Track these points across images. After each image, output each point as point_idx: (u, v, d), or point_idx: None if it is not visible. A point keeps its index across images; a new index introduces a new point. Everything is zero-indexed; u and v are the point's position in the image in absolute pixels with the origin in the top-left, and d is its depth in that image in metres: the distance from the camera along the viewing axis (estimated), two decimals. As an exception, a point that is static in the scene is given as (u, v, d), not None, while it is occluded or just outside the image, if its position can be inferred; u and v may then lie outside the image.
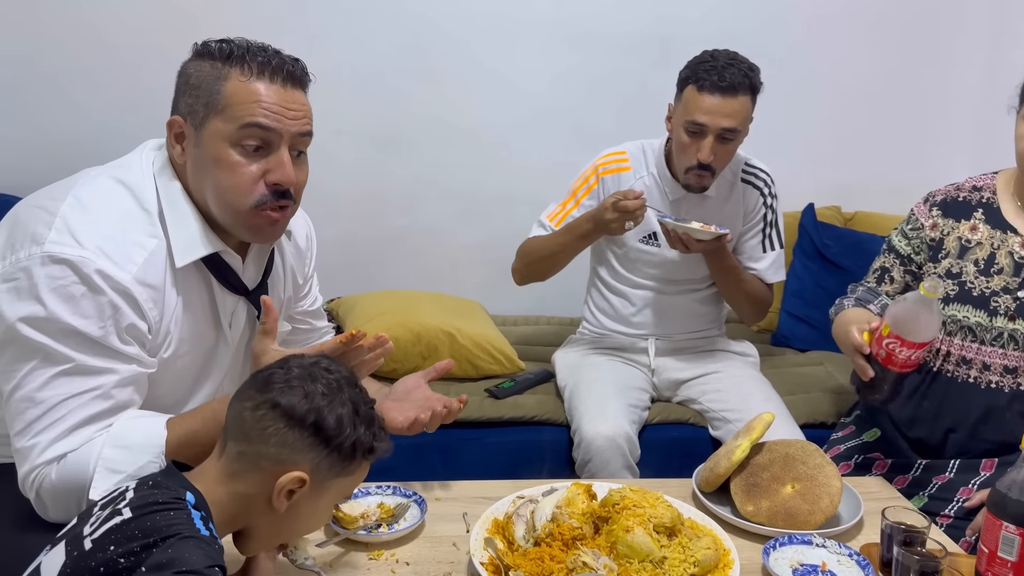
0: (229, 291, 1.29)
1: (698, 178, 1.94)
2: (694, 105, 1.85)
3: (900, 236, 1.70)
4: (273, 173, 1.18)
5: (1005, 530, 1.04)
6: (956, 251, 1.60)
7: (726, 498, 1.37)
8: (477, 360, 2.22)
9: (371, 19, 2.64)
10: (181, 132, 1.21)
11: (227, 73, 1.16)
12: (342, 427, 0.95)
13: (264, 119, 1.16)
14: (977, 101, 2.91)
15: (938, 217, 1.64)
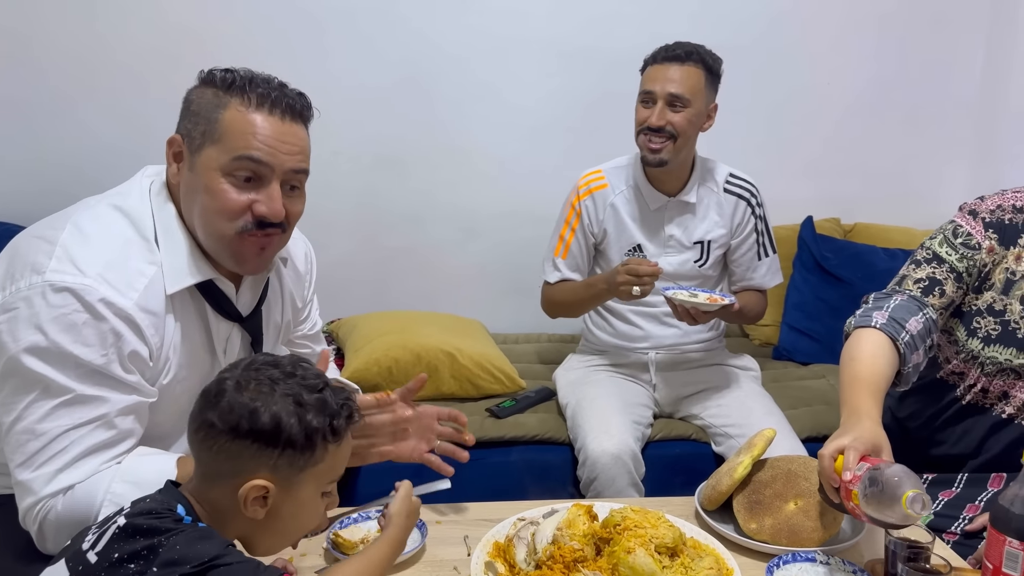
0: (223, 317, 1.29)
1: (650, 143, 1.96)
2: (646, 77, 1.98)
3: (947, 247, 1.47)
4: (261, 205, 1.18)
5: (1009, 545, 1.03)
6: (1001, 285, 1.45)
7: (729, 516, 1.36)
8: (477, 380, 2.21)
9: (368, 41, 2.66)
10: (180, 152, 1.22)
11: (226, 102, 1.17)
12: (280, 424, 0.93)
13: (257, 152, 1.16)
14: (974, 111, 2.92)
15: (995, 241, 1.45)
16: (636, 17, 2.74)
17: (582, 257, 2.13)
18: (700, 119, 1.97)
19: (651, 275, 1.84)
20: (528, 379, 2.35)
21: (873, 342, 1.37)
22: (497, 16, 2.70)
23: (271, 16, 2.60)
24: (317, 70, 2.61)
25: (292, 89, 1.22)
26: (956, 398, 1.52)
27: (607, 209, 2.08)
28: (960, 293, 1.48)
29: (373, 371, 2.13)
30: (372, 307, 2.60)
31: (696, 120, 1.96)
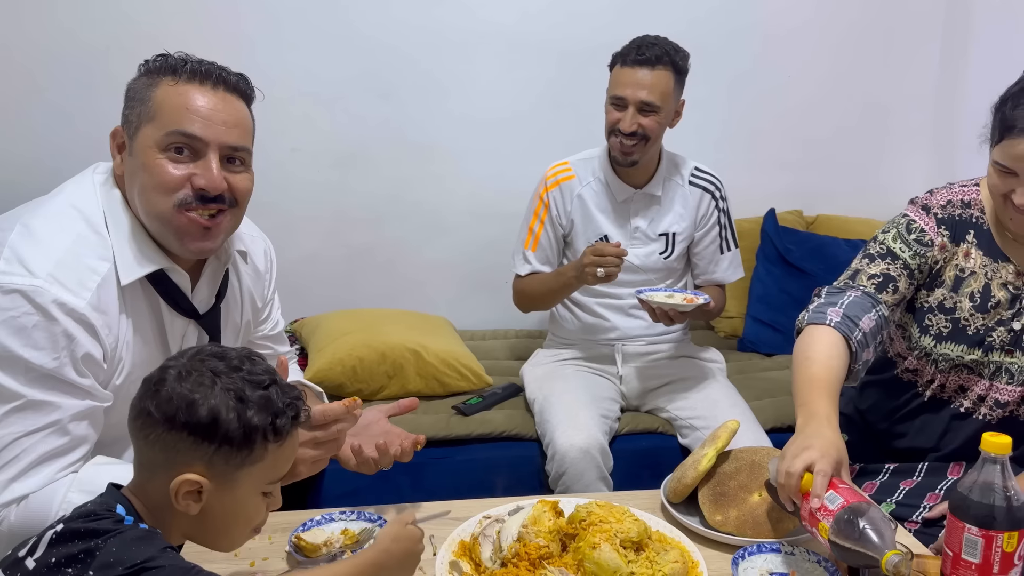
0: (178, 313, 1.26)
1: (622, 146, 1.98)
2: (616, 80, 1.96)
3: (901, 243, 1.47)
4: (198, 177, 1.16)
5: (968, 532, 1.04)
6: (951, 282, 1.46)
7: (695, 508, 1.36)
8: (444, 377, 2.20)
9: (326, 37, 2.62)
10: (122, 142, 1.20)
11: (158, 81, 1.16)
12: (218, 419, 0.89)
13: (190, 127, 1.14)
14: (931, 105, 2.97)
15: (947, 239, 1.46)
16: (598, 12, 2.74)
17: (552, 249, 2.13)
18: (669, 118, 2.00)
19: (615, 255, 1.84)
20: (495, 375, 2.34)
21: (828, 341, 1.37)
22: (457, 11, 2.68)
23: (226, 13, 2.55)
24: (275, 67, 2.57)
25: (231, 70, 1.21)
26: (916, 394, 1.54)
27: (574, 200, 2.09)
28: (911, 289, 1.48)
29: (337, 371, 2.11)
30: (336, 306, 2.57)
31: (665, 120, 1.99)
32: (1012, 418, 1.47)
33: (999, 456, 1.04)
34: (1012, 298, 1.42)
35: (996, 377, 1.46)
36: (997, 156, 1.32)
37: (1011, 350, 1.43)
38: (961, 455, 1.50)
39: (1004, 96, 1.32)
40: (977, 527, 1.03)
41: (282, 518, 1.31)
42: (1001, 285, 1.43)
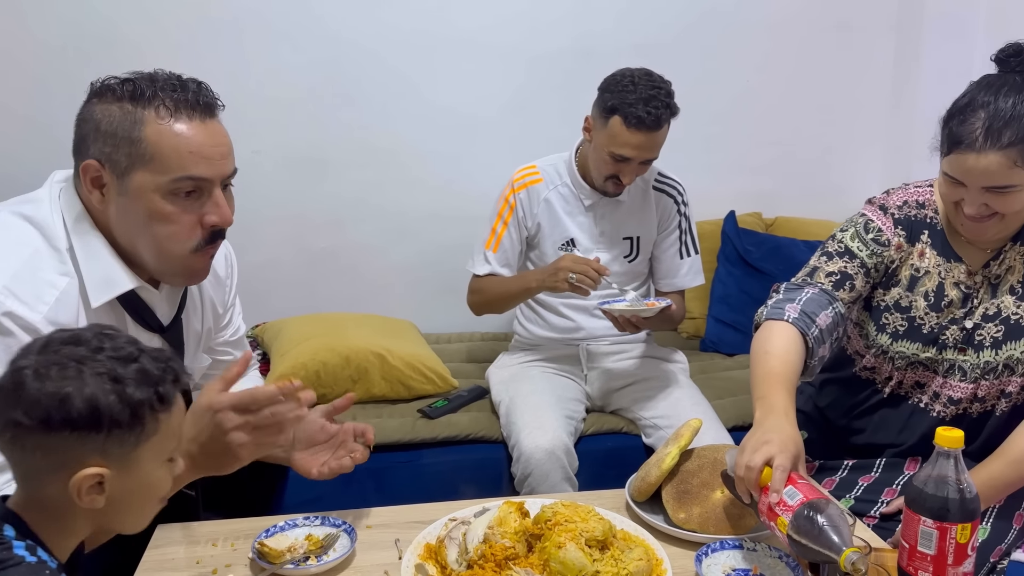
0: (144, 329, 1.24)
1: (616, 187, 2.00)
2: (622, 140, 1.88)
3: (859, 242, 1.50)
4: (211, 216, 1.18)
5: (923, 524, 1.07)
6: (907, 282, 1.50)
7: (659, 507, 1.37)
8: (409, 380, 2.19)
9: (287, 39, 2.60)
10: (98, 177, 1.15)
11: (142, 117, 1.12)
12: (99, 407, 0.84)
13: (197, 171, 1.14)
14: (886, 108, 3.03)
15: (903, 239, 1.50)
16: (562, 15, 2.75)
17: (513, 252, 2.13)
18: None
19: (597, 271, 1.85)
20: (461, 378, 2.34)
21: (785, 336, 1.39)
22: (422, 15, 2.67)
23: (185, 15, 2.52)
24: (237, 68, 2.54)
25: (193, 82, 1.18)
26: (875, 391, 1.57)
27: (541, 204, 2.09)
28: (867, 288, 1.52)
29: (300, 375, 2.09)
30: (298, 310, 2.55)
31: None
32: (964, 415, 1.50)
33: (952, 450, 1.06)
34: (964, 297, 1.46)
35: (949, 374, 1.49)
36: (946, 168, 1.36)
37: (963, 348, 1.47)
38: (918, 451, 1.54)
39: (951, 111, 1.36)
40: (932, 519, 1.06)
41: (245, 525, 1.29)
42: (953, 284, 1.46)
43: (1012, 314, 1.43)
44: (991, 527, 1.43)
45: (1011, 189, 1.31)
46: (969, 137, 1.30)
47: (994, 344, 1.44)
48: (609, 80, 1.93)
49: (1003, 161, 1.29)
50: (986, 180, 1.31)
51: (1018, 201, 1.33)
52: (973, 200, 1.34)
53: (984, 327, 1.45)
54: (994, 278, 1.45)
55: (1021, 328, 1.42)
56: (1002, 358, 1.44)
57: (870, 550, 1.11)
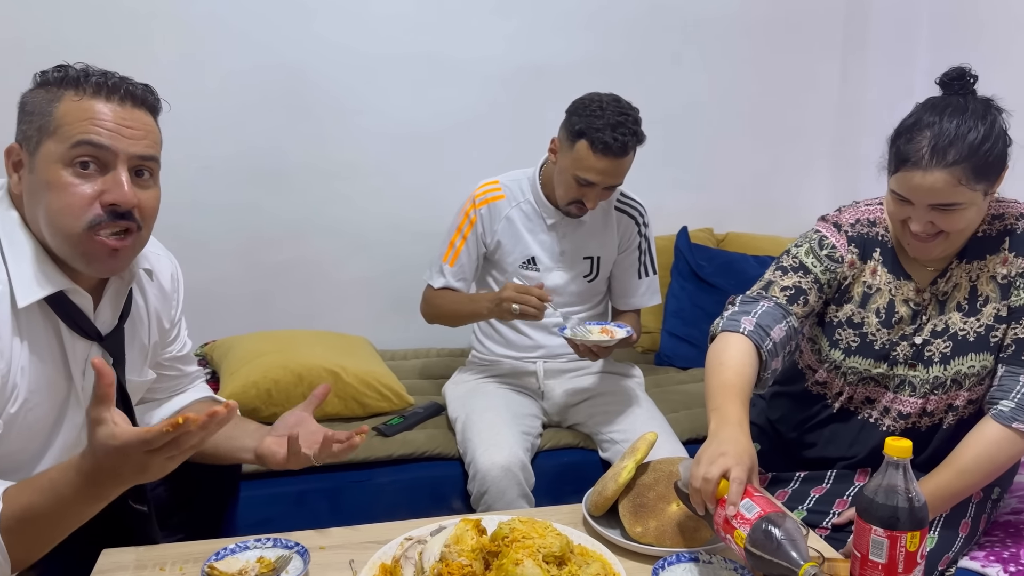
0: (79, 336, 1.20)
1: (579, 210, 2.00)
2: (587, 164, 1.88)
3: (813, 258, 1.54)
4: (109, 193, 1.12)
5: (874, 534, 1.09)
6: (859, 298, 1.53)
7: (616, 521, 1.38)
8: (363, 398, 2.16)
9: (241, 50, 2.57)
10: (19, 160, 1.14)
11: (60, 95, 1.12)
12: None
13: (96, 136, 1.10)
14: (832, 126, 3.12)
15: (856, 256, 1.54)
16: (516, 33, 2.77)
17: (470, 266, 2.13)
18: None
19: (538, 298, 1.85)
20: (417, 395, 2.32)
21: (740, 348, 1.42)
22: (378, 28, 2.67)
23: (133, 20, 2.47)
24: (185, 79, 2.50)
25: (135, 80, 1.17)
26: (826, 406, 1.61)
27: (503, 220, 2.09)
28: (820, 303, 1.55)
29: (251, 394, 2.04)
30: (250, 328, 2.50)
31: None
32: (914, 429, 1.54)
33: (900, 459, 1.08)
34: (913, 314, 1.50)
35: (900, 390, 1.52)
36: (893, 186, 1.40)
37: (913, 364, 1.50)
38: (868, 463, 1.57)
39: (898, 130, 1.40)
40: (882, 528, 1.08)
41: (194, 548, 1.26)
42: (903, 301, 1.50)
43: (959, 330, 1.47)
44: (938, 536, 1.46)
45: (956, 207, 1.36)
46: (916, 155, 1.34)
47: (943, 360, 1.48)
48: (577, 104, 1.94)
49: (948, 179, 1.33)
50: (932, 197, 1.35)
51: (962, 219, 1.38)
52: (920, 217, 1.38)
53: (933, 343, 1.48)
54: (941, 295, 1.49)
55: (968, 344, 1.46)
56: (951, 373, 1.47)
57: (823, 560, 1.12)
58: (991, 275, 1.45)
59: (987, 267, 1.46)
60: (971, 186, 1.34)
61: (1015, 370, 1.42)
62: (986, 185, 1.36)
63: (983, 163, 1.34)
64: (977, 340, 1.45)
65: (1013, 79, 2.42)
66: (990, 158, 1.34)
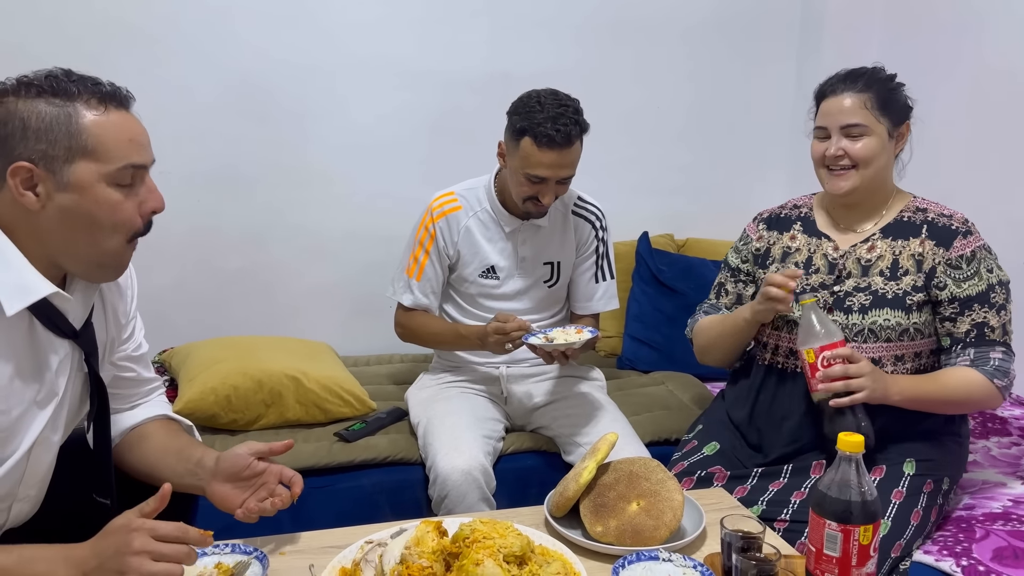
0: (56, 335, 1.19)
1: (537, 207, 2.00)
2: (535, 160, 1.89)
3: (733, 253, 1.92)
4: (148, 202, 1.20)
5: (828, 528, 1.11)
6: (779, 256, 1.82)
7: (577, 521, 1.39)
8: (325, 404, 2.14)
9: (199, 54, 2.54)
10: (30, 178, 1.11)
11: (75, 110, 1.12)
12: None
13: (139, 158, 1.17)
14: (787, 132, 3.17)
15: (763, 231, 1.87)
16: (476, 40, 2.78)
17: (437, 280, 2.13)
18: None
19: (519, 330, 1.87)
20: (380, 401, 2.30)
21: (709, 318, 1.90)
22: (337, 33, 2.65)
23: (93, 26, 2.43)
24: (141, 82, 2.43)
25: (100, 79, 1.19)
26: (761, 364, 1.80)
27: (461, 232, 2.09)
28: (741, 285, 1.90)
29: (210, 400, 2.01)
30: (208, 334, 2.45)
31: None
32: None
33: (853, 454, 1.11)
34: (831, 266, 1.74)
35: None
36: (816, 123, 1.74)
37: (832, 309, 1.71)
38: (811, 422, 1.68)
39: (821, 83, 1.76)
40: (836, 522, 1.10)
41: (149, 555, 1.24)
42: (822, 255, 1.76)
43: (879, 288, 1.68)
44: (892, 522, 1.50)
45: (861, 130, 1.65)
46: (830, 87, 1.70)
47: (861, 309, 1.68)
48: (516, 103, 1.95)
49: (856, 101, 1.66)
50: (843, 118, 1.66)
51: (867, 148, 1.66)
52: (833, 143, 1.68)
53: (855, 296, 1.69)
54: (864, 261, 1.71)
55: (886, 300, 1.67)
56: (867, 322, 1.67)
57: (779, 556, 1.14)
58: (911, 253, 1.68)
59: (908, 246, 1.69)
60: (875, 114, 1.65)
61: (984, 349, 1.63)
62: (888, 124, 1.66)
63: (886, 96, 1.65)
64: (895, 299, 1.66)
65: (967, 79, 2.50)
66: (895, 96, 1.67)
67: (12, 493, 1.24)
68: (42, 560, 1.04)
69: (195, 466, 1.34)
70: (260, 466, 1.32)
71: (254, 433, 2.07)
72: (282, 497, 1.29)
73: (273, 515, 1.29)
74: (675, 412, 2.29)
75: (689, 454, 1.80)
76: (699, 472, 1.73)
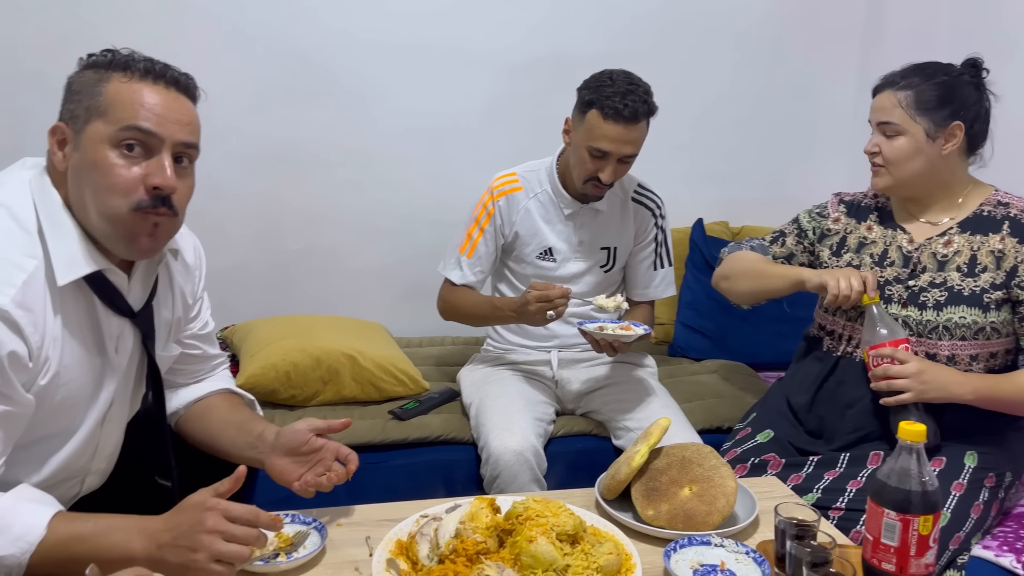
0: (114, 313, 1.23)
1: (596, 189, 2.00)
2: (599, 132, 1.89)
3: (807, 214, 1.89)
4: (153, 176, 1.14)
5: (887, 517, 1.10)
6: (855, 247, 1.78)
7: (628, 504, 1.39)
8: (380, 382, 2.18)
9: (261, 38, 2.59)
10: (63, 139, 1.16)
11: (109, 76, 1.15)
12: None
13: (146, 122, 1.13)
14: (850, 118, 3.10)
15: (842, 214, 1.84)
16: (538, 24, 2.78)
17: (487, 258, 2.14)
18: None
19: (562, 296, 1.85)
20: (432, 381, 2.34)
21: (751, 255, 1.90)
22: (398, 17, 2.68)
23: (156, 13, 2.50)
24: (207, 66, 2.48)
25: (177, 67, 1.20)
26: (829, 353, 1.78)
27: (520, 212, 2.10)
28: (800, 248, 1.88)
29: (270, 376, 2.07)
30: (268, 312, 2.53)
31: None
32: None
33: (914, 444, 1.09)
34: (905, 259, 1.70)
35: None
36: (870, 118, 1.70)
37: (906, 304, 1.67)
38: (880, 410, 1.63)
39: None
40: (895, 512, 1.09)
41: (214, 521, 1.28)
42: (896, 248, 1.72)
43: (956, 285, 1.63)
44: (951, 514, 1.48)
45: (895, 129, 1.63)
46: (880, 82, 1.68)
47: (936, 306, 1.63)
48: (588, 79, 1.96)
49: (891, 100, 1.63)
50: (878, 116, 1.66)
51: (896, 148, 1.64)
52: (872, 140, 1.69)
53: (929, 291, 1.65)
54: (940, 256, 1.66)
55: (963, 297, 1.62)
56: (942, 319, 1.63)
57: (834, 544, 1.13)
58: (991, 249, 1.62)
59: (988, 242, 1.63)
60: (910, 113, 1.61)
61: None
62: (928, 124, 1.60)
63: (924, 98, 1.60)
64: (971, 296, 1.61)
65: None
66: (942, 94, 1.60)
67: (86, 467, 1.30)
68: (118, 530, 1.07)
69: (256, 440, 1.38)
70: (318, 442, 1.35)
71: (311, 409, 2.12)
72: (338, 473, 1.32)
73: (329, 491, 1.32)
74: (727, 400, 2.28)
75: (742, 441, 1.79)
76: (752, 459, 1.72)
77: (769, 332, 2.58)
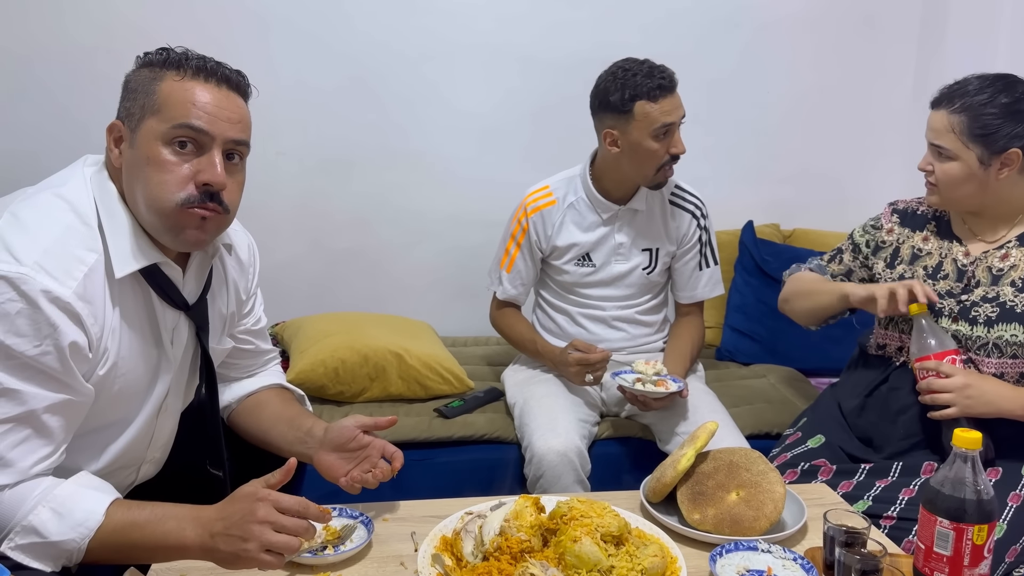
0: (169, 306, 1.27)
1: (669, 170, 2.02)
2: (656, 113, 1.91)
3: (861, 230, 1.86)
4: (203, 173, 1.17)
5: (940, 525, 1.07)
6: (909, 258, 1.74)
7: (673, 508, 1.38)
8: (426, 380, 2.20)
9: (314, 40, 2.64)
10: (120, 136, 1.20)
11: (163, 75, 1.18)
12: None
13: (197, 120, 1.16)
14: (905, 119, 3.03)
15: (895, 224, 1.79)
16: (587, 25, 2.77)
17: (527, 272, 2.17)
18: None
19: (602, 360, 1.90)
20: (477, 380, 2.35)
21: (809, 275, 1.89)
22: (447, 19, 2.70)
23: (212, 13, 2.56)
24: (261, 69, 2.54)
25: (229, 65, 1.23)
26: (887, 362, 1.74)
27: (555, 226, 2.11)
28: (857, 264, 1.85)
29: (319, 372, 2.11)
30: (318, 309, 2.57)
31: None
32: None
33: (970, 451, 1.07)
34: (960, 273, 1.65)
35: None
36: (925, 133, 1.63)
37: (957, 318, 1.62)
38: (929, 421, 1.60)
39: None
40: (948, 520, 1.06)
41: (264, 513, 1.31)
42: (952, 261, 1.67)
43: (1008, 301, 1.58)
44: (1008, 526, 1.44)
45: (948, 153, 1.57)
46: (937, 97, 1.61)
47: (987, 322, 1.59)
48: (601, 88, 1.97)
49: (944, 122, 1.57)
50: (931, 136, 1.61)
51: (946, 172, 1.59)
52: (925, 157, 1.65)
53: (981, 306, 1.60)
54: (996, 270, 1.61)
55: (1014, 313, 1.57)
56: (993, 336, 1.58)
57: (885, 553, 1.11)
58: None
59: None
60: (963, 140, 1.55)
61: None
62: (981, 151, 1.54)
63: (978, 124, 1.53)
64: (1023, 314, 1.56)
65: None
66: (988, 124, 1.52)
67: (142, 456, 1.34)
68: (172, 518, 1.10)
69: (305, 435, 1.40)
70: (365, 439, 1.37)
71: (359, 405, 2.15)
72: (383, 470, 1.34)
73: (375, 487, 1.34)
74: (776, 406, 2.24)
75: (792, 446, 1.76)
76: (803, 464, 1.69)
77: (820, 337, 2.53)
